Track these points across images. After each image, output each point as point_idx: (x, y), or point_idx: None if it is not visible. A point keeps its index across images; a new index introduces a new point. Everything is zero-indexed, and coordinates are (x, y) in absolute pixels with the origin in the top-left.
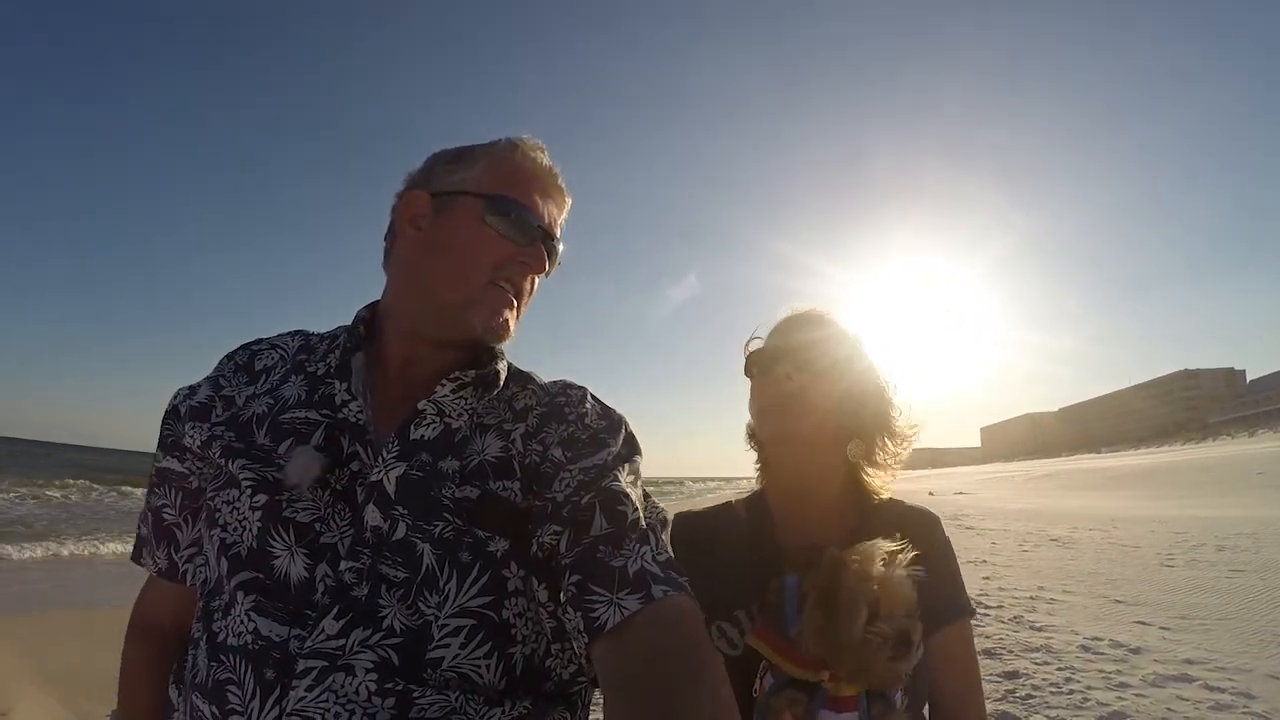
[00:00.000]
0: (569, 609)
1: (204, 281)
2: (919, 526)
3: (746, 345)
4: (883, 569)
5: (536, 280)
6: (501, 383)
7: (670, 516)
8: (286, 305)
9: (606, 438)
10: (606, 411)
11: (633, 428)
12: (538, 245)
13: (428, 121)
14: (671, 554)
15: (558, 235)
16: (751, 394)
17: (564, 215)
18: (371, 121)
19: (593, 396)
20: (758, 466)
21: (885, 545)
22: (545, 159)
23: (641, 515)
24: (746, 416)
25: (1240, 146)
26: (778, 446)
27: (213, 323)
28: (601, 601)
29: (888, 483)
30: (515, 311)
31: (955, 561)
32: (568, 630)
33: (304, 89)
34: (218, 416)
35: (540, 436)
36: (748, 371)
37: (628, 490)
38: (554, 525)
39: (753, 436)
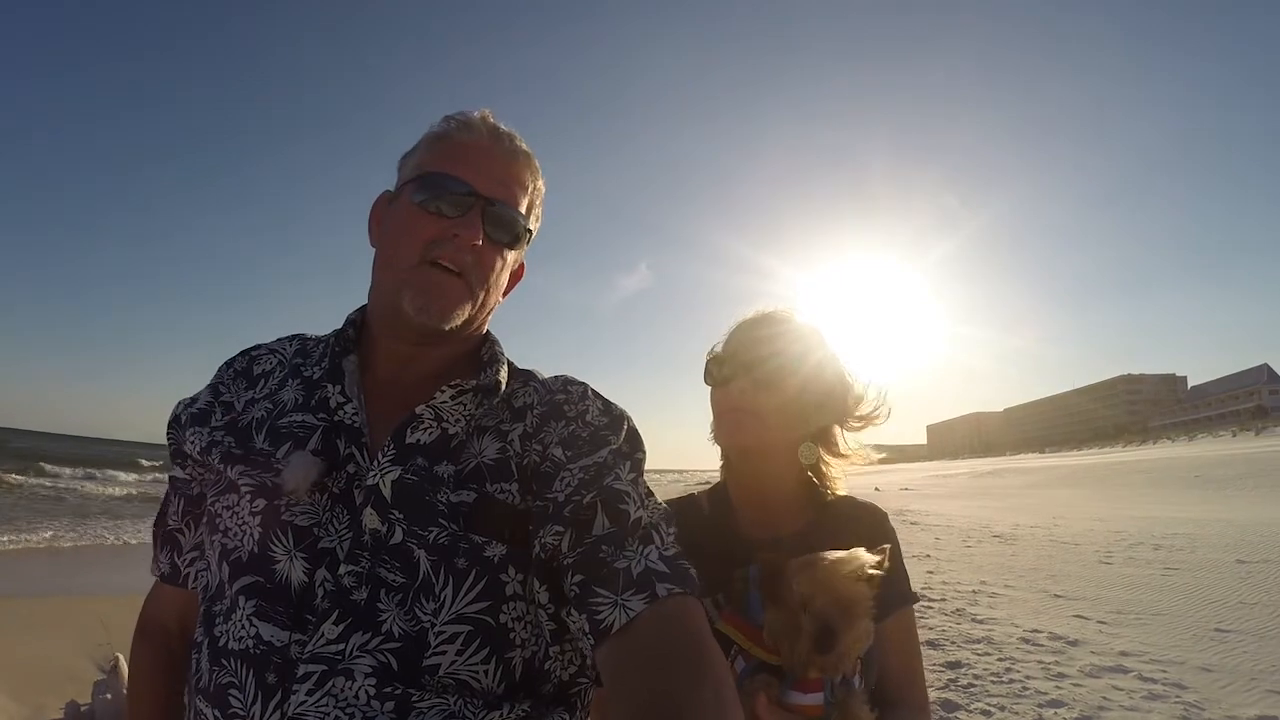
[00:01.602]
0: (573, 610)
1: (173, 259)
2: (869, 520)
3: (709, 350)
4: (818, 570)
5: (498, 257)
6: (503, 390)
7: (673, 512)
8: (265, 287)
9: (608, 435)
10: (608, 408)
11: (635, 423)
12: (471, 214)
13: (401, 103)
14: (678, 549)
15: (510, 199)
16: (711, 401)
17: (525, 177)
18: (350, 101)
19: (593, 392)
20: (721, 462)
21: (834, 554)
22: (484, 124)
23: (645, 513)
24: (701, 411)
25: (1187, 158)
26: (735, 454)
27: (189, 306)
28: (606, 603)
29: (848, 470)
30: (467, 290)
31: (900, 553)
32: (572, 632)
33: (288, 65)
34: (217, 421)
35: (540, 436)
36: (707, 379)
37: (629, 488)
38: (555, 525)
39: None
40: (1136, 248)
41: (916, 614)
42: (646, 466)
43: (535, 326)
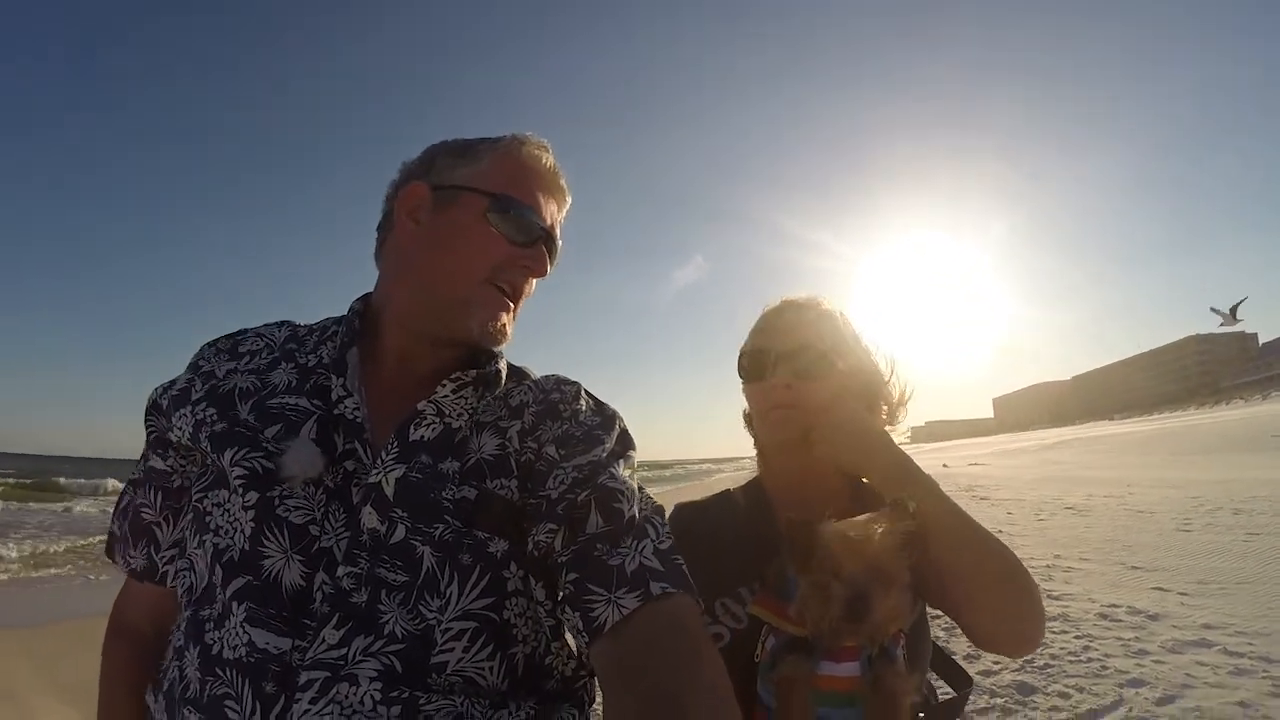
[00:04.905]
0: (567, 608)
1: (199, 282)
2: None
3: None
4: (852, 534)
5: (534, 282)
6: (503, 382)
7: (664, 506)
8: (282, 304)
9: (601, 434)
10: (600, 407)
11: (626, 423)
12: (539, 247)
13: (436, 110)
14: (671, 544)
15: (558, 236)
16: (749, 397)
17: (563, 214)
18: (373, 121)
19: (586, 392)
20: (756, 453)
21: (862, 518)
22: (549, 158)
23: (638, 510)
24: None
25: (1246, 108)
26: (775, 449)
27: (209, 319)
28: (600, 601)
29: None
30: (512, 314)
31: None
32: (567, 629)
33: (305, 89)
34: (198, 393)
35: (535, 434)
36: (741, 374)
37: (623, 486)
38: (549, 523)
39: (750, 424)
40: (1199, 205)
41: None
42: (719, 455)
43: (591, 327)
